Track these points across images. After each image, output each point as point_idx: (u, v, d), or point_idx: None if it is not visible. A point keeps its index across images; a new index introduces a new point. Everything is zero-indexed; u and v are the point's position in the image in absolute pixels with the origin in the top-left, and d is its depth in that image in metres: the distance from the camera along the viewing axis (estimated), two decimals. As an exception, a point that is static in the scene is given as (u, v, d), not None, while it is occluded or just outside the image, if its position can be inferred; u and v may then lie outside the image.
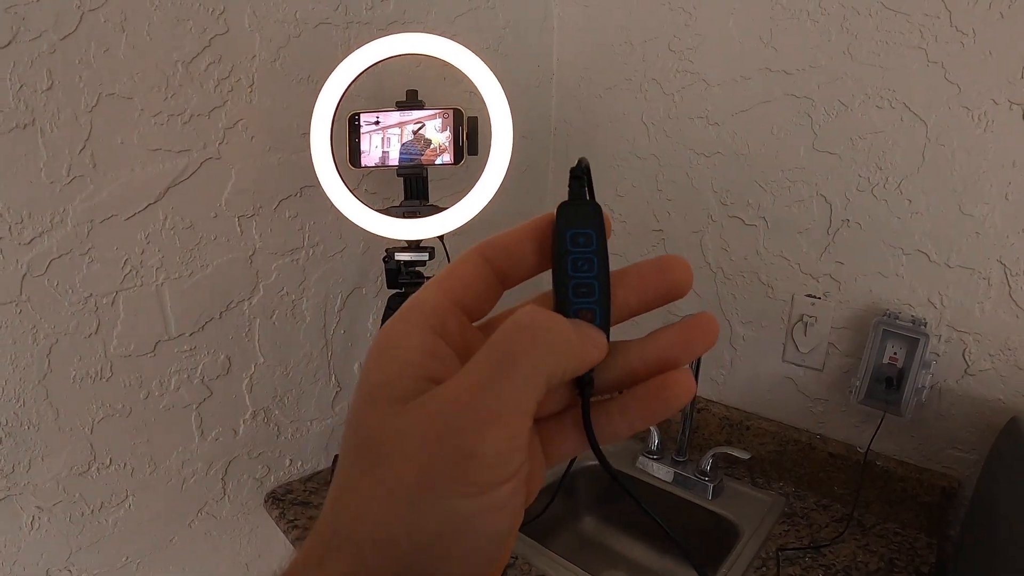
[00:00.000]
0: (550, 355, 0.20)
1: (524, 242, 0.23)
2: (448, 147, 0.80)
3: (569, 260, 0.22)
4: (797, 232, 0.96)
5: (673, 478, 1.01)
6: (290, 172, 0.89)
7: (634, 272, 0.23)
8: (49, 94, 0.68)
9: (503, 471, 0.19)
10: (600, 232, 0.22)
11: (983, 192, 0.80)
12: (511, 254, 0.23)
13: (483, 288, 0.23)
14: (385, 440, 0.19)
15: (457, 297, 0.22)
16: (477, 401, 0.19)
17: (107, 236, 0.75)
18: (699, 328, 0.22)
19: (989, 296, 0.82)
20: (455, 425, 0.19)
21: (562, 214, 0.22)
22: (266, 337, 0.92)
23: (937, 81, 0.81)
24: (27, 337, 0.72)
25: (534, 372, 0.19)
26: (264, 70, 0.84)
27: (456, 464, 0.19)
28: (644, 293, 0.23)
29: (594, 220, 0.22)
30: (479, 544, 0.19)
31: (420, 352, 0.21)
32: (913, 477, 0.89)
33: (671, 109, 1.07)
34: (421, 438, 0.19)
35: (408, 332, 0.21)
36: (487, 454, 0.19)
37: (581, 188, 0.23)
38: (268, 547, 1.01)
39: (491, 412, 0.19)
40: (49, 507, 0.77)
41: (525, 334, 0.20)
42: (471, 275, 0.23)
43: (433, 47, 0.78)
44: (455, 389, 0.19)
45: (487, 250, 0.23)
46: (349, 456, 0.21)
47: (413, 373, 0.20)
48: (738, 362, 1.07)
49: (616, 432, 0.23)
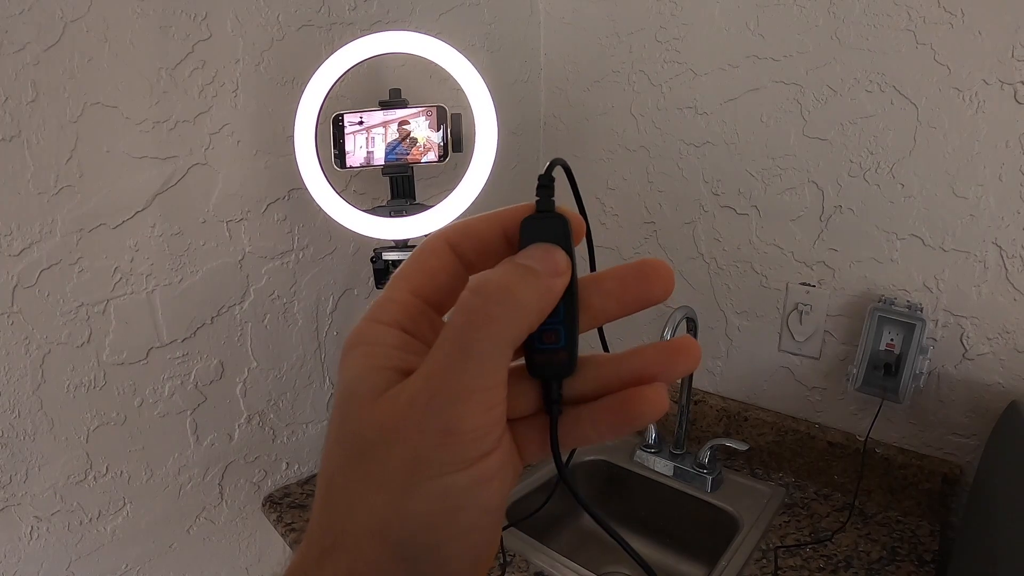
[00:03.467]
0: (506, 324, 0.20)
1: (492, 234, 0.22)
2: (433, 145, 0.80)
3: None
4: (790, 220, 0.95)
5: (672, 471, 1.01)
6: (277, 175, 0.89)
7: (612, 276, 0.22)
8: (34, 105, 0.68)
9: (486, 442, 0.20)
10: (567, 246, 0.21)
11: (976, 174, 0.79)
12: (479, 247, 0.22)
13: (449, 281, 0.23)
14: (367, 434, 0.20)
15: (425, 294, 0.22)
16: (447, 382, 0.19)
17: (96, 245, 0.75)
18: (682, 352, 0.22)
19: (985, 279, 0.81)
20: (431, 407, 0.19)
21: (525, 228, 0.21)
22: (258, 341, 0.92)
23: (927, 63, 0.80)
24: (20, 348, 0.72)
25: (494, 346, 0.19)
26: (248, 74, 0.84)
27: (439, 444, 0.19)
28: (623, 299, 0.22)
29: (559, 233, 0.21)
30: (474, 517, 0.20)
31: (391, 347, 0.21)
32: (913, 464, 0.88)
33: (660, 100, 1.06)
34: (400, 426, 0.19)
35: (377, 330, 0.21)
36: (467, 429, 0.19)
37: (548, 198, 0.22)
38: (267, 551, 1.01)
39: (463, 389, 0.19)
40: (47, 516, 0.77)
41: (477, 313, 0.20)
42: (437, 268, 0.22)
43: (414, 45, 0.78)
44: (425, 374, 0.20)
45: (453, 237, 0.22)
46: (333, 454, 0.21)
47: (386, 366, 0.21)
48: (734, 353, 1.06)
49: (585, 437, 0.22)
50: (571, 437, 0.22)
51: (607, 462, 1.07)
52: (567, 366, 0.22)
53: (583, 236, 0.22)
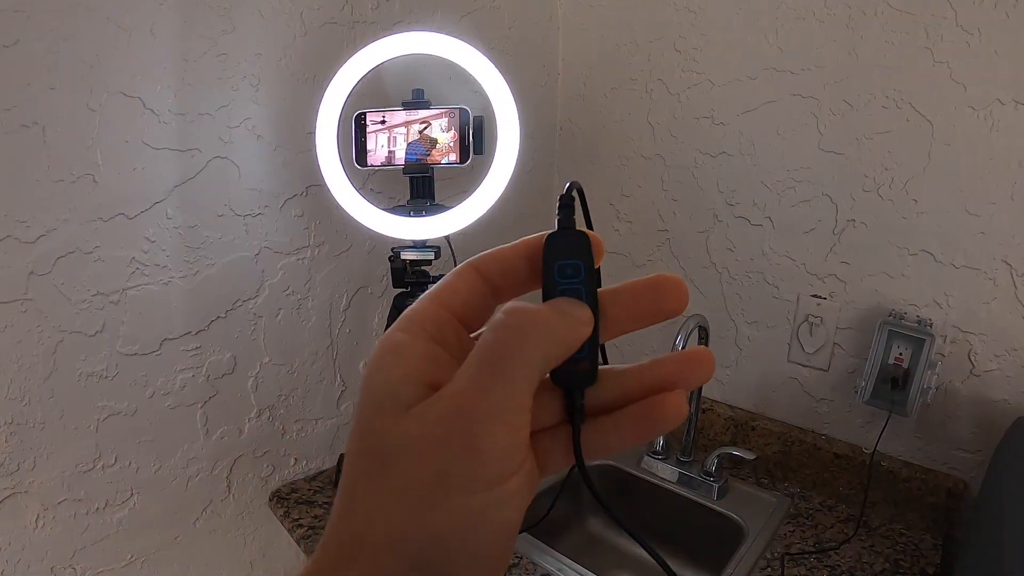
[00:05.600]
0: (538, 349, 0.20)
1: (518, 260, 0.23)
2: (454, 146, 0.80)
3: (558, 292, 0.22)
4: (803, 232, 0.96)
5: (678, 478, 1.01)
6: (296, 171, 0.89)
7: (628, 291, 0.23)
8: (54, 93, 0.68)
9: (508, 465, 0.20)
10: (588, 262, 0.22)
11: (989, 192, 0.80)
12: (504, 271, 0.23)
13: (477, 301, 0.23)
14: (392, 446, 0.20)
15: (453, 308, 0.23)
16: (475, 402, 0.20)
17: (113, 235, 0.75)
18: (698, 362, 0.23)
19: (995, 296, 0.82)
20: (457, 427, 0.19)
21: (549, 245, 0.22)
22: (272, 336, 0.92)
23: (943, 81, 0.81)
24: (32, 335, 0.71)
25: (525, 369, 0.20)
26: (270, 69, 0.84)
27: (463, 464, 0.19)
28: (637, 313, 0.23)
29: (582, 250, 0.22)
30: (491, 537, 0.20)
31: (421, 359, 0.21)
32: (918, 478, 0.89)
33: (677, 109, 1.07)
34: (427, 442, 0.20)
35: (408, 341, 0.22)
36: (491, 451, 0.19)
37: (570, 217, 0.23)
38: (272, 546, 1.01)
39: (491, 412, 0.20)
40: (54, 505, 0.77)
41: (512, 333, 0.20)
42: (465, 288, 0.23)
43: (439, 46, 0.78)
44: (453, 393, 0.20)
45: (481, 264, 0.23)
46: (356, 463, 0.21)
47: (415, 379, 0.21)
48: (743, 362, 1.06)
49: (608, 447, 0.23)
50: (593, 447, 0.23)
51: (615, 467, 1.07)
52: (590, 375, 0.23)
53: (603, 255, 0.23)
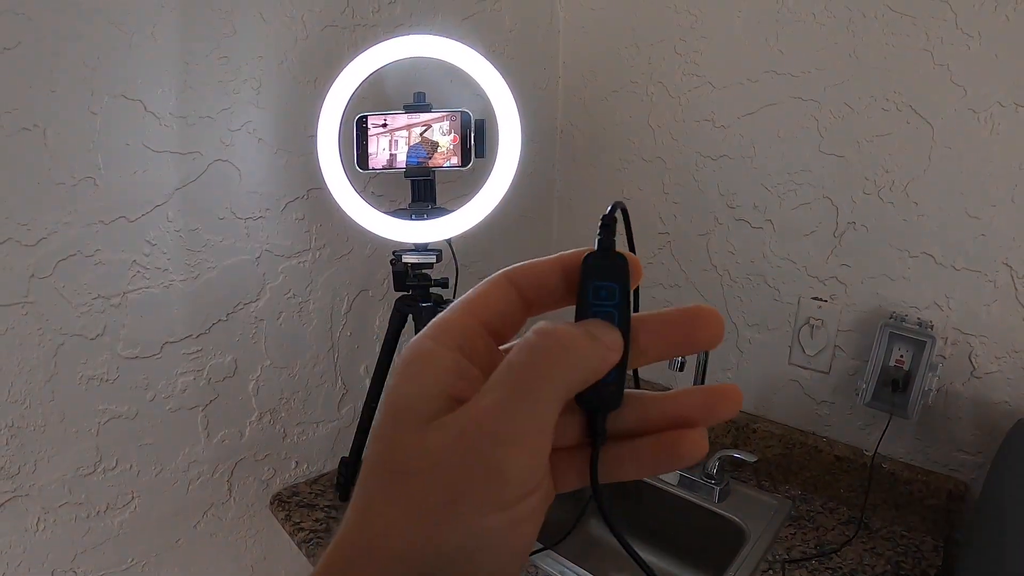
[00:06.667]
0: (566, 373, 0.20)
1: (553, 274, 0.23)
2: (455, 150, 0.80)
3: (591, 313, 0.22)
4: (803, 235, 0.96)
5: (679, 481, 1.01)
6: (297, 174, 0.89)
7: (662, 319, 0.23)
8: (55, 96, 0.68)
9: (526, 486, 0.20)
10: (624, 285, 0.22)
11: (989, 194, 0.80)
12: (539, 284, 0.23)
13: (509, 312, 0.23)
14: (412, 459, 0.20)
15: (484, 319, 0.22)
16: (499, 423, 0.19)
17: (114, 238, 0.75)
18: (725, 397, 0.22)
19: (995, 298, 0.82)
20: (479, 446, 0.19)
21: (587, 264, 0.22)
22: (273, 339, 0.92)
23: (943, 83, 0.81)
24: (33, 338, 0.71)
25: (552, 391, 0.20)
26: (271, 72, 0.84)
27: (481, 483, 0.19)
28: (670, 341, 0.23)
29: (619, 273, 0.22)
30: (504, 556, 0.20)
31: (448, 371, 0.21)
32: (919, 480, 0.89)
33: (677, 112, 1.07)
34: (447, 458, 0.19)
35: (436, 351, 0.21)
36: (511, 472, 0.19)
37: (610, 237, 0.22)
38: (273, 549, 1.01)
39: (513, 433, 0.19)
40: (55, 508, 0.77)
41: (541, 354, 0.20)
42: (498, 299, 0.23)
43: (440, 50, 0.78)
44: (477, 411, 0.20)
45: (515, 275, 0.23)
46: (374, 472, 0.21)
47: (440, 392, 0.21)
48: (744, 365, 1.07)
49: (624, 473, 0.23)
50: (609, 471, 0.23)
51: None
52: (615, 399, 0.22)
53: (640, 277, 0.23)
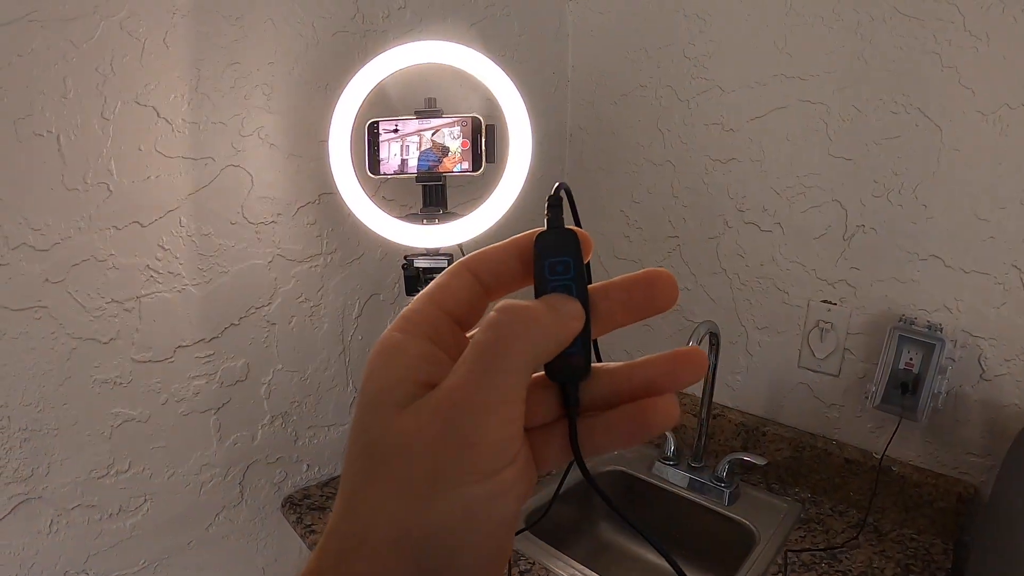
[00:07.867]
0: (530, 343, 0.21)
1: (509, 259, 0.24)
2: (466, 154, 0.81)
3: (549, 288, 0.23)
4: (813, 238, 0.96)
5: (689, 484, 1.01)
6: (308, 179, 0.90)
7: (618, 286, 0.24)
8: (68, 102, 0.68)
9: (504, 456, 0.21)
10: (577, 258, 0.23)
11: (998, 197, 0.80)
12: (496, 269, 0.24)
13: (471, 299, 0.24)
14: (390, 443, 0.21)
15: (447, 308, 0.24)
16: (470, 396, 0.20)
17: (127, 243, 0.75)
18: (688, 361, 0.23)
19: (1005, 301, 0.82)
20: (453, 420, 0.20)
21: (539, 243, 0.23)
22: (284, 343, 0.92)
23: (951, 86, 0.81)
24: (47, 343, 0.72)
25: (518, 362, 0.21)
26: (282, 78, 0.84)
27: (460, 456, 0.20)
28: (628, 306, 0.24)
29: (571, 248, 0.23)
30: (489, 528, 0.21)
31: (418, 359, 0.22)
32: (929, 482, 0.89)
33: (686, 116, 1.07)
34: (424, 437, 0.20)
35: (405, 341, 0.23)
36: (487, 442, 0.20)
37: (559, 216, 0.24)
38: (285, 552, 1.01)
39: (485, 404, 0.20)
40: (67, 511, 0.77)
41: (504, 328, 0.21)
42: (458, 287, 0.24)
43: (450, 55, 0.79)
44: (448, 389, 0.21)
45: (473, 264, 0.24)
46: (355, 461, 0.22)
47: (412, 378, 0.22)
48: (754, 368, 1.07)
49: (598, 447, 0.24)
50: (586, 446, 0.24)
51: (625, 473, 1.07)
52: (583, 369, 0.23)
53: (591, 250, 0.24)
